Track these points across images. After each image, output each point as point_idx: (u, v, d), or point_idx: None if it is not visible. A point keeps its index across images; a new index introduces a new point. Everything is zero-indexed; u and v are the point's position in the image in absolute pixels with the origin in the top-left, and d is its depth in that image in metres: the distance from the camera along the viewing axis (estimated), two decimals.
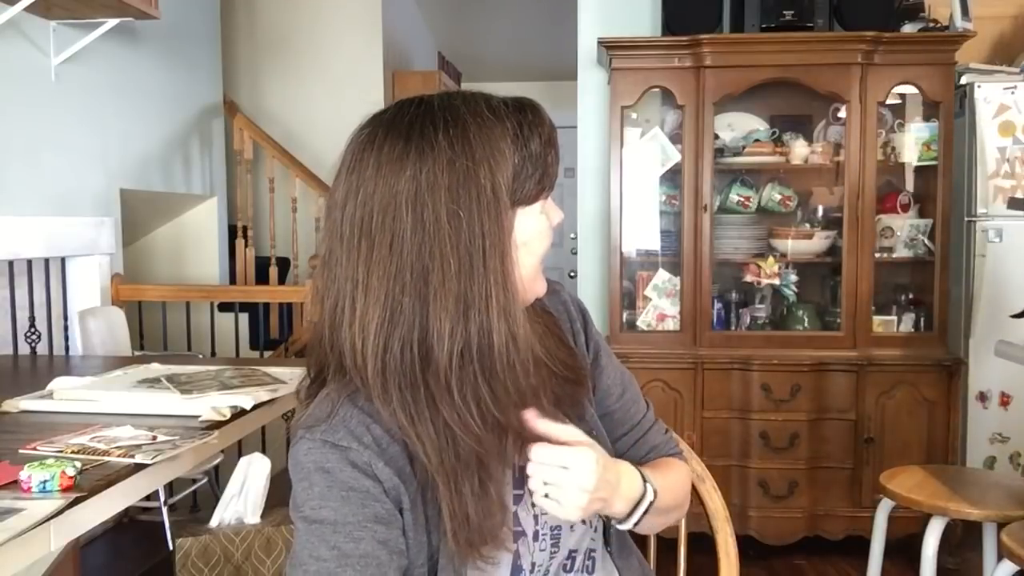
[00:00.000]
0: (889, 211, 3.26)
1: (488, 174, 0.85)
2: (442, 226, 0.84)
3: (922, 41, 3.11)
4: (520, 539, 0.92)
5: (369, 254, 0.85)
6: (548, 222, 0.93)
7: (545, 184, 0.91)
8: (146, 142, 3.89)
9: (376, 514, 0.85)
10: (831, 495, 3.10)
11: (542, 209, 0.92)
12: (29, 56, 3.09)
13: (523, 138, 0.88)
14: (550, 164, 0.91)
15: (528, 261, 0.91)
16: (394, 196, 0.85)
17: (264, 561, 2.11)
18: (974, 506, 2.11)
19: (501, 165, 0.86)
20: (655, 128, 3.30)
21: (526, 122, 0.89)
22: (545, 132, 0.90)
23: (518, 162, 0.88)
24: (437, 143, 0.85)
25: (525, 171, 0.88)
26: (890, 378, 3.08)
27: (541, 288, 0.95)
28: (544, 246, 0.93)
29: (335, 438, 0.86)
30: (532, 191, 0.89)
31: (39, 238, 3.08)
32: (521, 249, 0.89)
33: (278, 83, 5.37)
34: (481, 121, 0.87)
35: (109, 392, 1.84)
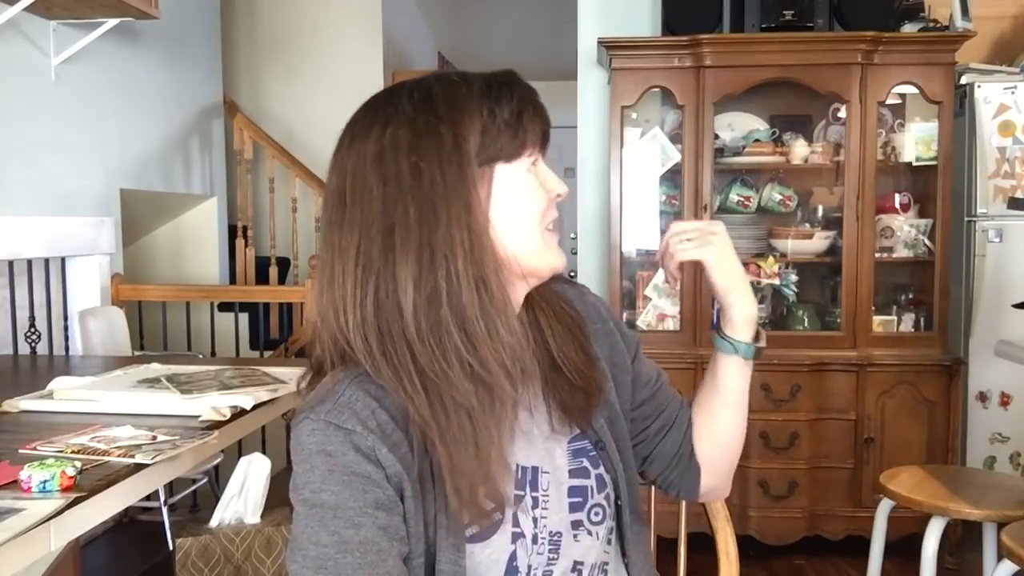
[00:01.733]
0: (889, 211, 3.25)
1: (449, 128, 0.86)
2: (404, 178, 0.85)
3: (922, 41, 3.11)
4: (518, 540, 0.92)
5: (342, 221, 0.87)
6: (539, 184, 0.91)
7: (523, 140, 0.89)
8: (146, 142, 3.89)
9: (377, 500, 0.84)
10: (831, 495, 3.10)
11: (529, 169, 0.91)
12: (29, 56, 3.09)
13: (492, 97, 0.88)
14: (526, 122, 0.89)
15: (519, 220, 0.89)
16: (362, 161, 0.87)
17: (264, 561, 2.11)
18: (974, 506, 2.11)
19: (464, 120, 0.86)
20: (655, 128, 3.30)
21: (495, 83, 0.90)
22: (518, 91, 0.90)
23: (487, 117, 0.87)
24: (401, 106, 0.88)
25: (496, 127, 0.87)
26: (890, 378, 3.08)
27: (554, 260, 0.93)
28: (536, 207, 0.90)
29: (339, 420, 0.85)
30: (508, 147, 0.88)
31: (39, 238, 3.08)
32: (504, 204, 0.88)
33: (278, 83, 5.38)
34: (446, 83, 0.89)
35: (109, 392, 1.84)
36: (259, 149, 4.82)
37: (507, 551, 0.91)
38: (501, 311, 0.86)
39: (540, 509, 0.94)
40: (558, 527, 0.94)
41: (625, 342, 1.09)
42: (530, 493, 0.93)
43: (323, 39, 5.37)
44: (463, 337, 0.84)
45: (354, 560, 0.82)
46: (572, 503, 0.96)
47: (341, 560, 0.82)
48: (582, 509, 0.96)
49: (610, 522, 1.00)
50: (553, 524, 0.94)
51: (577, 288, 1.08)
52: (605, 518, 0.98)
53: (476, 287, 0.84)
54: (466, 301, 0.84)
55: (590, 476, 0.98)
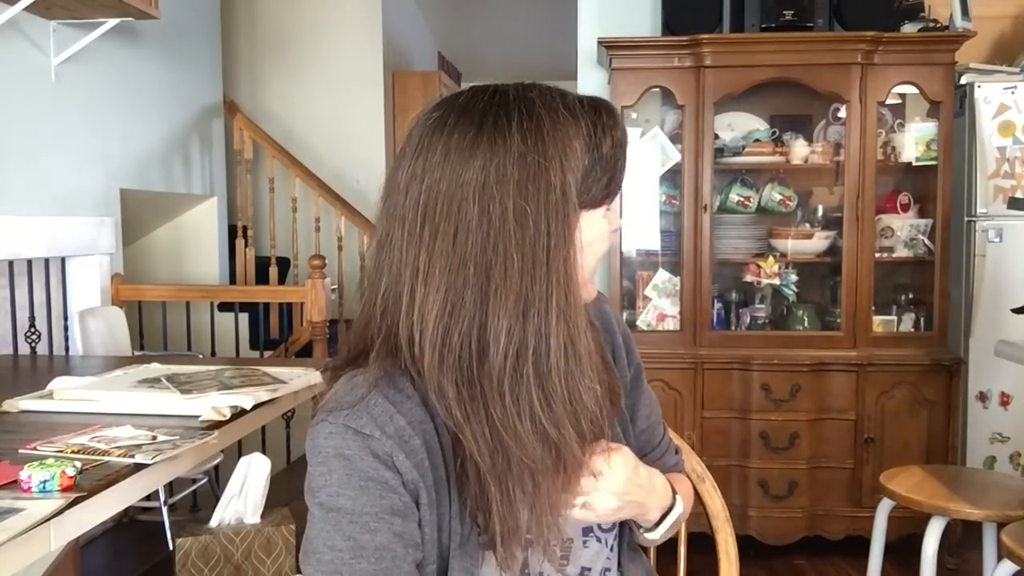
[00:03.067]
0: (889, 211, 3.25)
1: (559, 172, 0.83)
2: (508, 221, 0.81)
3: (922, 41, 3.11)
4: (530, 548, 0.91)
5: (432, 242, 0.83)
6: (609, 227, 0.91)
7: (612, 189, 0.89)
8: (146, 142, 3.90)
9: (393, 506, 0.84)
10: (831, 495, 3.10)
11: (604, 213, 0.90)
12: (29, 56, 3.09)
13: (596, 139, 0.86)
14: (619, 168, 0.89)
15: (587, 265, 0.89)
16: (461, 185, 0.82)
17: (264, 561, 2.11)
18: (974, 506, 2.11)
19: (572, 164, 0.84)
20: (655, 128, 3.30)
21: (600, 123, 0.87)
22: (618, 135, 0.89)
23: (588, 163, 0.86)
24: (510, 135, 0.83)
25: (595, 173, 0.87)
26: (890, 378, 3.08)
27: (590, 293, 0.93)
28: (603, 251, 0.92)
29: (358, 424, 0.84)
30: (599, 194, 0.88)
31: (39, 238, 3.08)
32: (584, 255, 0.87)
33: (278, 83, 5.38)
34: (556, 117, 0.85)
35: (109, 392, 1.84)
36: (259, 149, 4.82)
37: (520, 557, 0.90)
38: (585, 374, 0.85)
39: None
40: (570, 533, 0.95)
41: (629, 360, 1.08)
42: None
43: (323, 39, 5.38)
44: (541, 395, 0.82)
45: (368, 566, 0.82)
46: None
47: (356, 565, 0.82)
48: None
49: (616, 528, 1.00)
50: (566, 531, 0.94)
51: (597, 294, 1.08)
52: (614, 525, 0.99)
53: (564, 348, 0.83)
54: (552, 361, 0.82)
55: None
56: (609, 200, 0.90)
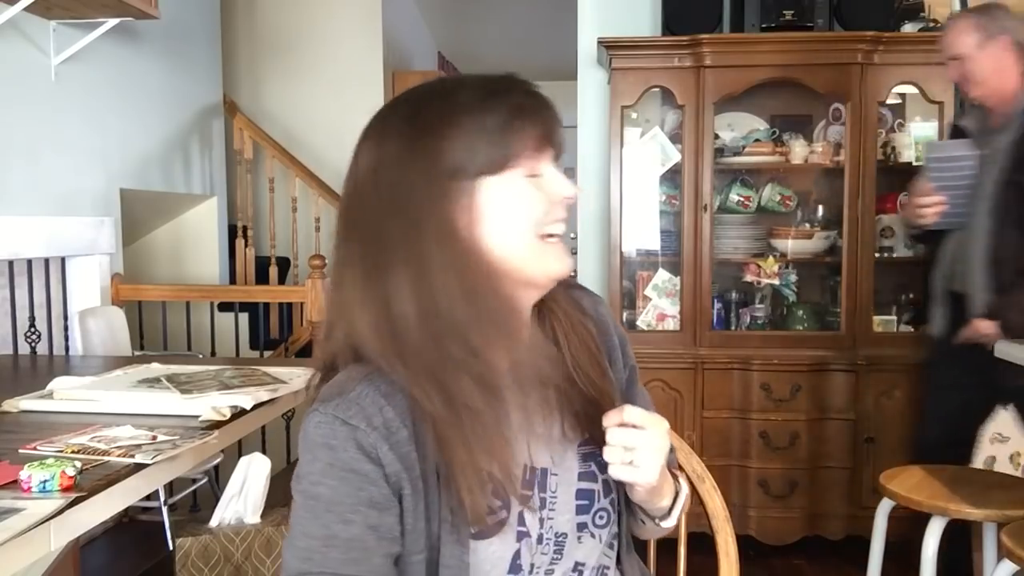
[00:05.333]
0: (889, 211, 3.25)
1: (437, 142, 0.88)
2: (394, 193, 0.89)
3: (922, 41, 3.11)
4: (523, 539, 0.93)
5: (347, 231, 0.93)
6: (536, 191, 0.91)
7: (509, 153, 0.89)
8: (146, 142, 3.89)
9: (371, 498, 0.86)
10: (831, 495, 3.10)
11: (524, 177, 0.90)
12: (29, 56, 3.09)
13: (481, 108, 0.89)
14: (514, 132, 0.89)
15: (510, 231, 0.90)
16: (361, 174, 0.92)
17: (264, 561, 2.11)
18: (974, 506, 2.11)
19: (449, 134, 0.88)
20: (655, 128, 3.30)
21: (488, 91, 0.91)
22: (512, 98, 0.91)
23: (474, 130, 0.88)
24: (395, 118, 0.92)
25: (482, 139, 0.88)
26: (890, 378, 3.08)
27: (552, 267, 0.93)
28: (528, 217, 0.90)
29: (346, 415, 0.87)
30: (497, 158, 0.89)
31: (39, 238, 3.08)
32: (494, 217, 0.89)
33: (278, 83, 5.38)
34: (439, 94, 0.91)
35: (109, 392, 1.84)
36: (259, 149, 4.82)
37: (511, 549, 0.92)
38: (501, 321, 0.90)
39: (547, 510, 0.95)
40: (564, 528, 0.96)
41: (624, 362, 1.09)
42: (538, 494, 0.95)
43: (323, 39, 5.38)
44: (464, 346, 0.87)
45: (338, 556, 0.85)
46: (579, 505, 0.97)
47: (327, 554, 0.85)
48: (588, 512, 0.98)
49: (614, 527, 1.01)
50: (559, 525, 0.95)
51: (592, 298, 1.09)
52: (609, 522, 1.00)
53: (468, 300, 0.87)
54: (460, 314, 0.87)
55: (598, 480, 0.98)
56: (515, 163, 0.89)
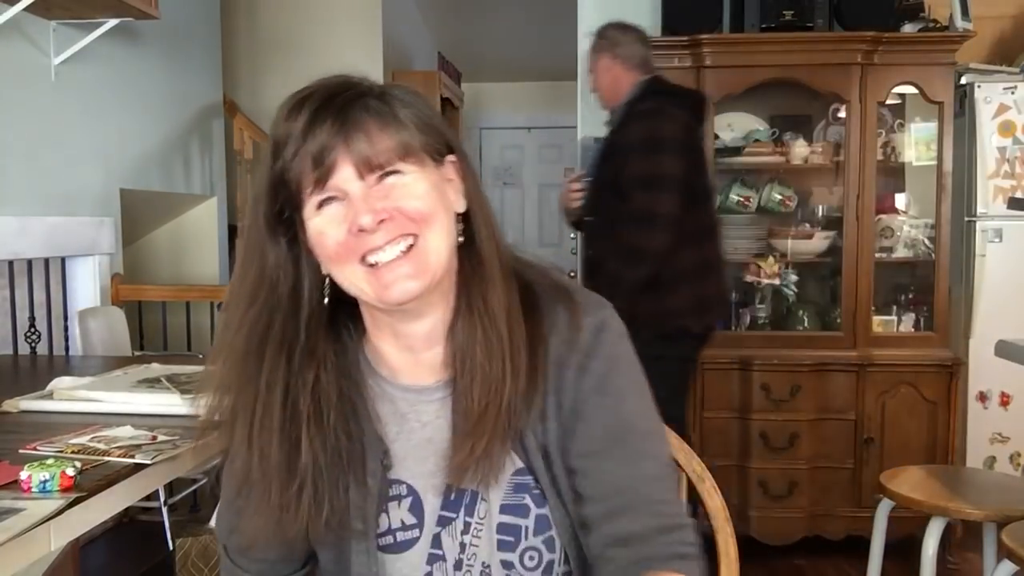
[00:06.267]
0: (889, 211, 3.25)
1: (253, 194, 0.90)
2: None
3: (922, 41, 3.11)
4: (436, 563, 0.89)
5: None
6: (328, 223, 0.85)
7: (293, 189, 0.85)
8: (146, 142, 3.89)
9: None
10: (831, 495, 3.10)
11: (316, 210, 0.85)
12: (29, 56, 3.09)
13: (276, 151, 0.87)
14: (288, 167, 0.84)
15: (325, 263, 0.87)
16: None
17: None
18: (974, 506, 2.11)
19: (259, 182, 0.88)
20: None
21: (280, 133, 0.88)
22: (277, 132, 0.88)
23: (272, 172, 0.86)
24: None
25: (275, 181, 0.86)
26: (890, 378, 3.08)
27: (381, 294, 0.85)
28: (324, 250, 0.85)
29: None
30: (291, 200, 0.86)
31: (39, 238, 3.08)
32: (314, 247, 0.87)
33: (278, 83, 5.36)
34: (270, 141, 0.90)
35: (109, 392, 1.84)
36: (259, 149, 4.81)
37: (421, 571, 0.89)
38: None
39: (471, 536, 0.90)
40: (489, 559, 0.90)
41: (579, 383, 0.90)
42: (464, 517, 0.90)
43: (323, 39, 5.37)
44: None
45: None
46: (501, 541, 0.89)
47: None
48: (513, 550, 0.89)
49: (559, 568, 0.90)
50: (484, 555, 0.90)
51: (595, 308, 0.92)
52: (541, 564, 0.90)
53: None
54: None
55: (528, 515, 0.90)
56: (305, 197, 0.85)
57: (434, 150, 0.87)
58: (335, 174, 0.83)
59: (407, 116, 0.86)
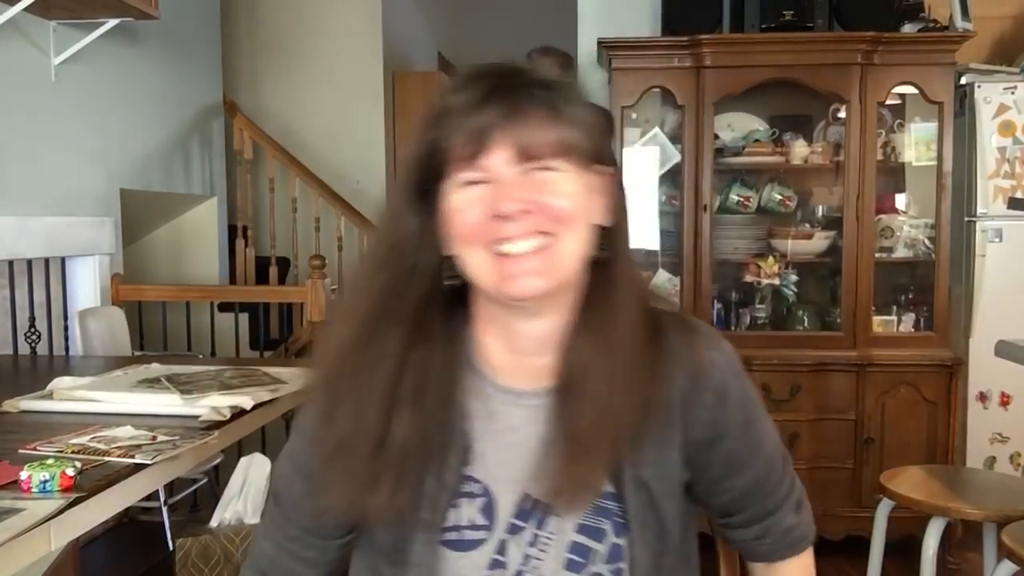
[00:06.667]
0: (889, 211, 3.25)
1: (410, 148, 0.88)
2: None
3: (922, 41, 3.11)
4: (497, 568, 0.87)
5: None
6: (468, 202, 0.83)
7: (444, 159, 0.83)
8: (146, 142, 3.89)
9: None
10: (831, 495, 3.10)
11: (461, 187, 0.83)
12: (29, 56, 3.09)
13: (442, 112, 0.85)
14: (446, 137, 0.82)
15: (453, 242, 0.85)
16: None
17: None
18: (974, 506, 2.11)
19: (416, 139, 0.86)
20: (655, 128, 3.30)
21: (447, 90, 0.86)
22: (448, 102, 0.84)
23: (431, 132, 0.84)
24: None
25: (429, 147, 0.84)
26: (890, 378, 3.08)
27: (503, 287, 0.83)
28: (456, 228, 0.83)
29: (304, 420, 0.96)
30: (436, 168, 0.84)
31: (39, 238, 3.08)
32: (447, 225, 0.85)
33: (278, 83, 5.37)
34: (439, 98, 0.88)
35: (109, 392, 1.84)
36: (259, 149, 4.82)
37: (481, 574, 0.87)
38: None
39: (537, 549, 0.87)
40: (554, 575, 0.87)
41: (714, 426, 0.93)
42: (534, 528, 0.88)
43: (323, 39, 5.37)
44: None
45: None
46: (570, 560, 0.87)
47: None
48: (579, 572, 0.87)
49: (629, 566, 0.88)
50: (548, 571, 0.87)
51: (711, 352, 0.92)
52: (616, 557, 0.88)
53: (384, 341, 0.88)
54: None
55: (603, 540, 0.88)
56: (451, 171, 0.83)
57: (591, 155, 0.85)
58: (490, 155, 0.81)
59: (574, 114, 0.84)
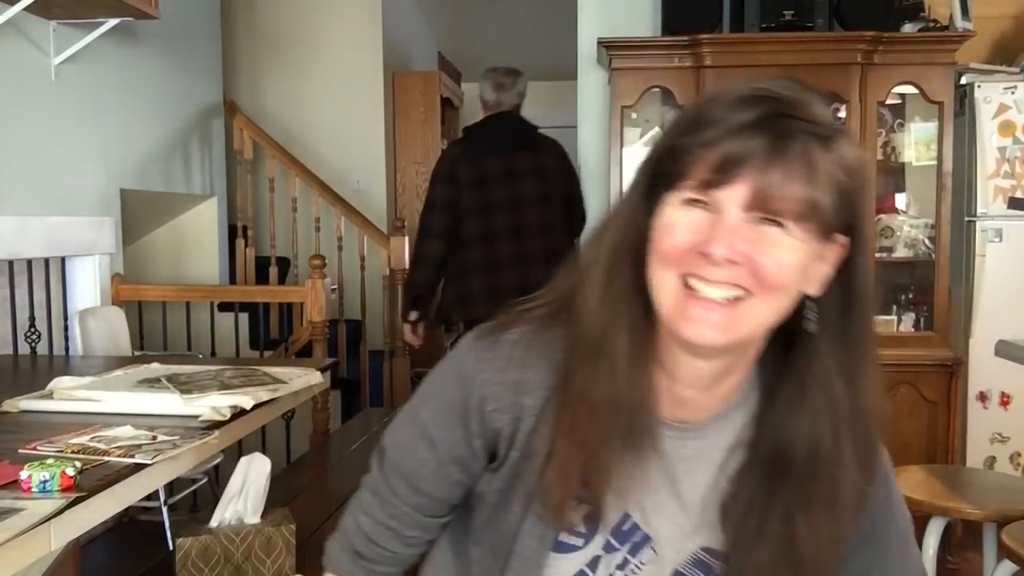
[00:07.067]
0: (889, 211, 3.25)
1: (655, 144, 0.83)
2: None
3: (922, 41, 3.11)
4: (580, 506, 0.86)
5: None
6: (685, 223, 0.77)
7: (685, 166, 0.77)
8: (146, 142, 3.89)
9: (454, 446, 0.88)
10: None
11: (685, 203, 0.77)
12: (29, 56, 3.09)
13: (682, 118, 0.81)
14: (698, 146, 0.76)
15: (652, 256, 0.79)
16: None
17: (264, 561, 2.10)
18: (974, 506, 2.11)
19: (661, 139, 0.82)
20: (655, 128, 3.30)
21: (707, 101, 0.80)
22: (728, 109, 0.76)
23: (673, 136, 0.79)
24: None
25: (670, 148, 0.79)
26: (890, 378, 3.08)
27: (681, 327, 0.78)
28: (660, 245, 0.78)
29: (490, 353, 0.86)
30: (670, 172, 0.78)
31: (39, 238, 3.08)
32: (654, 236, 0.79)
33: (278, 83, 5.37)
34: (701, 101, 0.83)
35: (109, 392, 1.84)
36: (259, 149, 4.82)
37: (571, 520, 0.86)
38: (611, 339, 0.81)
39: (625, 574, 0.86)
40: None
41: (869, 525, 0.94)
42: (626, 553, 0.86)
43: (323, 39, 5.37)
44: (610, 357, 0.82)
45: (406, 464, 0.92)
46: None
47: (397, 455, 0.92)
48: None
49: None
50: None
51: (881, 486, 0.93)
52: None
53: (596, 314, 0.81)
54: (588, 314, 0.82)
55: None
56: (683, 182, 0.76)
57: (833, 226, 0.77)
58: (728, 188, 0.74)
59: (834, 178, 0.75)
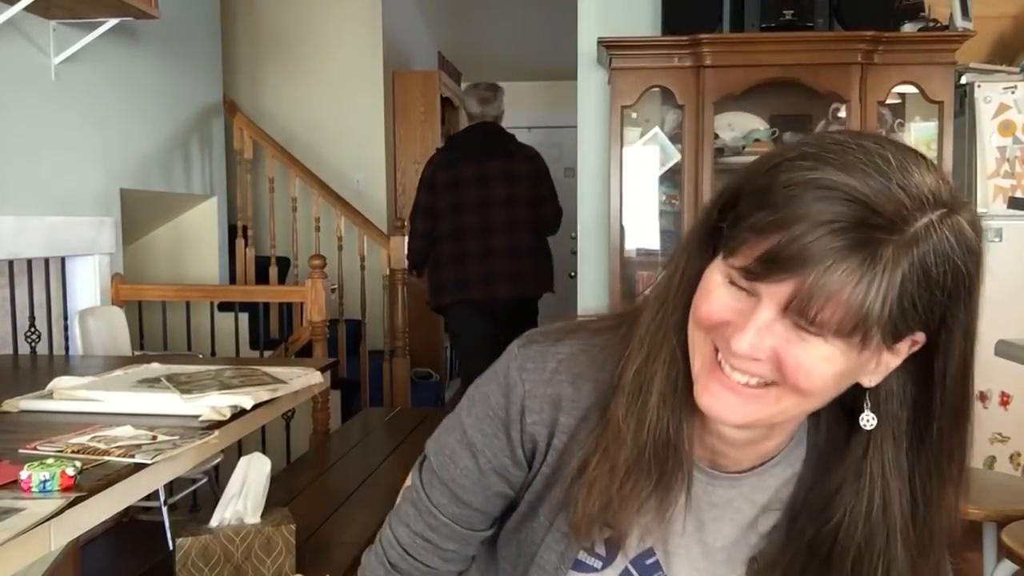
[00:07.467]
0: None
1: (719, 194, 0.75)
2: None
3: (922, 41, 3.11)
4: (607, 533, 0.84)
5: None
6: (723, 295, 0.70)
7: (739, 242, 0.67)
8: (146, 142, 3.90)
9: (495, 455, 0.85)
10: None
11: (727, 272, 0.69)
12: (29, 56, 3.09)
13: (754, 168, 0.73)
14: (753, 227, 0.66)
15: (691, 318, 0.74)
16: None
17: (264, 561, 2.10)
18: (974, 506, 2.11)
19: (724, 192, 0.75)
20: (655, 128, 3.30)
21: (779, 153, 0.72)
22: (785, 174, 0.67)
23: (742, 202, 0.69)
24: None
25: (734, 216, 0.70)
26: None
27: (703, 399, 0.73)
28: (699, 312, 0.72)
29: (533, 364, 0.82)
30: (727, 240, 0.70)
31: (39, 238, 3.08)
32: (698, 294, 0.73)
33: (278, 83, 5.37)
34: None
35: (109, 392, 1.84)
36: (259, 149, 4.82)
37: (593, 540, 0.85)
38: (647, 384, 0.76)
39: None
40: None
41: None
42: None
43: (323, 39, 5.37)
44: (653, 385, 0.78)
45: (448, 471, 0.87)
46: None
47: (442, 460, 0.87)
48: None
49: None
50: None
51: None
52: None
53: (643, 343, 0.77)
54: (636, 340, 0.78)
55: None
56: (729, 253, 0.68)
57: (891, 333, 0.66)
58: (766, 284, 0.66)
59: (907, 285, 0.64)
